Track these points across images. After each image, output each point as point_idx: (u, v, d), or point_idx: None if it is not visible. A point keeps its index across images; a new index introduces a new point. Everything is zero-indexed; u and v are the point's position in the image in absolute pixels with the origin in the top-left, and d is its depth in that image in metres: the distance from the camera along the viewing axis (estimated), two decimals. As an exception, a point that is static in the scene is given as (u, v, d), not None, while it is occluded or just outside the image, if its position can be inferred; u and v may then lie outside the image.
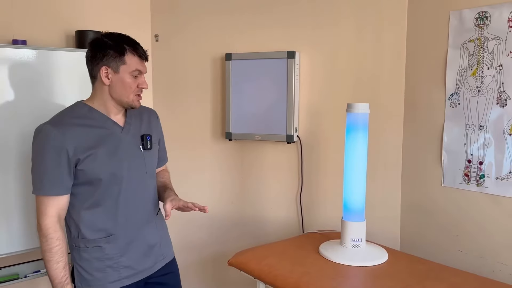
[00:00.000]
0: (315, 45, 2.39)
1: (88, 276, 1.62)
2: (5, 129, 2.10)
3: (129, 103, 1.63)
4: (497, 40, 1.84)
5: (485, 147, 1.91)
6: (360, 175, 1.97)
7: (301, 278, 1.75)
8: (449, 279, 1.75)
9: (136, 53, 1.59)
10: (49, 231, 1.54)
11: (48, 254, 1.55)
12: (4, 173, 2.11)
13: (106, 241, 1.62)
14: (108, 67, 1.57)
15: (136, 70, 1.60)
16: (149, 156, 1.73)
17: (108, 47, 1.57)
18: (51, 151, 1.52)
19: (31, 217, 2.20)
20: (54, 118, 1.61)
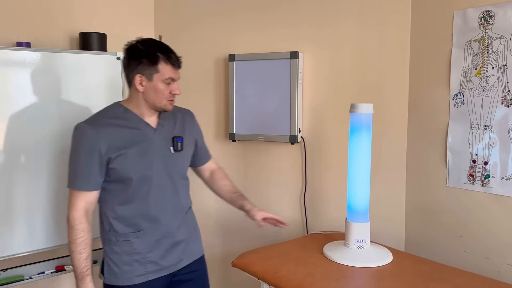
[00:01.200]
0: (318, 46, 2.39)
1: (116, 268, 1.69)
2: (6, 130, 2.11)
3: (162, 108, 1.69)
4: (502, 40, 1.83)
5: (490, 147, 1.90)
6: (364, 176, 1.96)
7: (305, 279, 1.75)
8: (454, 280, 1.74)
9: (169, 61, 1.64)
10: (75, 222, 1.63)
11: (73, 245, 1.63)
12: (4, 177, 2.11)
13: (136, 236, 1.69)
14: (142, 75, 1.63)
15: (169, 78, 1.65)
16: (179, 157, 1.78)
17: (142, 55, 1.62)
18: (85, 148, 1.61)
19: (34, 219, 2.20)
20: (92, 117, 1.69)
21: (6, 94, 2.10)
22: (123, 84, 2.46)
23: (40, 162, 2.21)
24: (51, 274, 2.31)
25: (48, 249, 2.26)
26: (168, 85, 1.66)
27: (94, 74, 2.36)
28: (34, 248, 2.21)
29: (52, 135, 2.23)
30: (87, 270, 1.64)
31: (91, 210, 1.68)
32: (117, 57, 2.42)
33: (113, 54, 2.42)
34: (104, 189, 1.68)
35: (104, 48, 2.47)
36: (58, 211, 2.27)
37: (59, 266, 2.33)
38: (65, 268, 2.35)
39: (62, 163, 2.27)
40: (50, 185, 2.25)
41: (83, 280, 1.63)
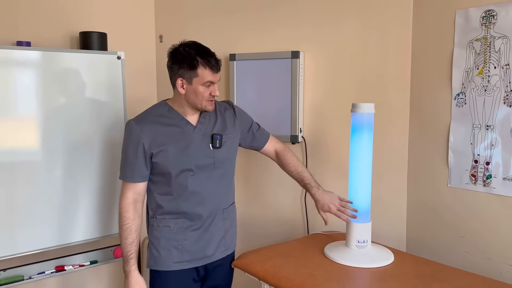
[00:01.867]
0: (319, 45, 2.38)
1: (156, 253, 1.83)
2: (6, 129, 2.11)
3: (203, 108, 1.80)
4: (504, 39, 1.82)
5: (492, 147, 1.89)
6: (365, 176, 1.96)
7: (306, 280, 1.74)
8: (456, 281, 1.73)
9: (208, 66, 1.72)
10: (123, 210, 1.79)
11: (120, 230, 1.80)
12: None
13: (175, 222, 1.82)
14: (183, 78, 1.74)
15: (208, 81, 1.74)
16: (219, 154, 1.87)
17: (182, 60, 1.72)
18: (132, 144, 1.77)
19: (34, 219, 2.20)
20: (140, 114, 1.84)
21: (6, 94, 2.09)
22: (124, 83, 2.46)
23: (41, 161, 2.21)
24: (51, 274, 2.31)
25: (48, 249, 2.25)
26: (207, 88, 1.75)
27: (94, 73, 2.35)
28: (34, 248, 2.21)
29: (52, 135, 2.23)
30: (131, 254, 1.77)
31: (140, 200, 1.83)
32: (118, 57, 2.42)
33: (114, 53, 2.41)
34: (150, 180, 1.83)
35: (105, 47, 2.46)
36: (59, 210, 2.27)
37: (59, 266, 2.33)
38: (65, 268, 2.34)
39: (63, 162, 2.27)
40: (52, 185, 2.24)
41: (127, 263, 1.78)
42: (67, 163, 2.28)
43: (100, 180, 2.39)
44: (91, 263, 2.43)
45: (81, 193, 2.34)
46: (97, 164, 2.38)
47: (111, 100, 2.42)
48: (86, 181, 2.35)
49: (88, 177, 2.36)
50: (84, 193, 2.35)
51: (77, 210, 2.33)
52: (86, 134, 2.34)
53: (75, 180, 2.31)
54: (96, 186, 2.38)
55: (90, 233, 2.39)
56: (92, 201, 2.38)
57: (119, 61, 2.42)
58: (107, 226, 2.45)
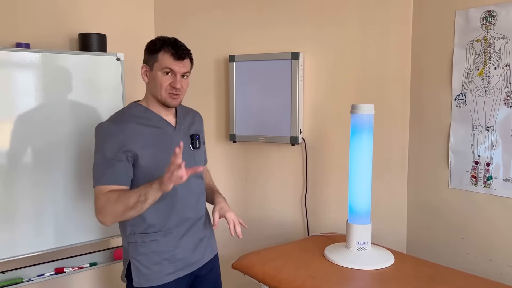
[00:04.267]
0: (319, 46, 2.38)
1: (146, 270, 1.67)
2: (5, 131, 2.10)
3: (163, 101, 1.67)
4: (504, 40, 1.82)
5: (492, 148, 1.88)
6: (365, 177, 1.95)
7: (306, 282, 1.73)
8: (456, 282, 1.72)
9: (169, 51, 1.62)
10: (102, 201, 1.57)
11: (121, 200, 1.54)
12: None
13: (163, 234, 1.69)
14: (146, 65, 1.68)
15: (167, 67, 1.62)
16: (198, 155, 1.81)
17: (148, 46, 1.68)
18: (112, 145, 1.59)
19: (34, 221, 2.19)
20: (113, 116, 1.69)
21: (6, 95, 2.09)
22: (123, 85, 2.45)
23: (41, 163, 2.20)
24: (51, 276, 2.30)
25: (48, 251, 2.25)
26: (167, 76, 1.63)
27: (94, 75, 2.35)
28: (34, 250, 2.20)
29: (52, 136, 2.22)
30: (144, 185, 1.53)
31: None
32: (117, 58, 2.41)
33: (113, 55, 2.41)
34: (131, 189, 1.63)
35: (104, 49, 2.46)
36: (58, 212, 2.26)
37: (58, 268, 2.32)
38: (64, 270, 2.34)
39: (64, 164, 2.26)
40: (52, 187, 2.23)
41: (149, 184, 1.50)
42: (67, 164, 2.28)
43: (99, 182, 2.39)
44: (90, 265, 2.42)
45: (80, 194, 2.33)
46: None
47: (111, 102, 2.41)
48: (86, 182, 2.35)
49: (88, 178, 2.35)
50: (83, 194, 2.34)
51: (76, 212, 2.32)
52: (85, 136, 2.33)
53: (75, 181, 2.31)
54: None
55: (89, 235, 2.38)
56: (92, 202, 2.37)
57: (119, 62, 2.41)
58: (107, 228, 2.44)
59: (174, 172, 1.42)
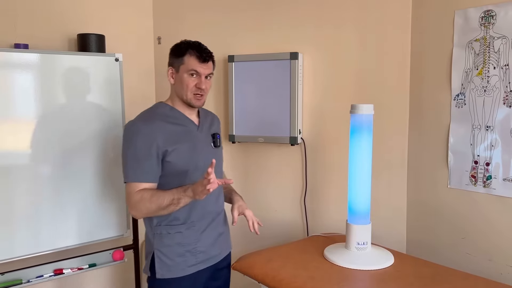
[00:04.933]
0: (318, 46, 2.37)
1: (169, 261, 1.75)
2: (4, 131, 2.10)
3: (189, 101, 1.76)
4: (503, 39, 1.82)
5: (492, 148, 1.88)
6: (365, 177, 1.95)
7: (305, 282, 1.73)
8: (456, 282, 1.72)
9: (195, 54, 1.73)
10: (136, 198, 1.66)
11: (153, 200, 1.65)
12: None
13: (186, 227, 1.77)
14: (172, 67, 1.77)
15: (193, 70, 1.72)
16: (218, 153, 1.91)
17: (174, 49, 1.78)
18: (143, 143, 1.68)
19: (33, 222, 2.19)
20: (142, 116, 1.78)
21: (4, 96, 2.08)
22: (122, 85, 2.45)
23: (39, 164, 2.20)
24: (50, 277, 2.30)
25: (47, 252, 2.24)
26: (193, 77, 1.73)
27: (92, 75, 2.34)
28: (32, 251, 2.19)
29: (50, 137, 2.22)
30: (177, 188, 1.66)
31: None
32: (116, 59, 2.41)
33: (112, 55, 2.40)
34: (158, 184, 1.74)
35: (103, 49, 2.45)
36: (57, 213, 2.26)
37: (57, 269, 2.32)
38: (63, 272, 2.33)
39: (62, 165, 2.26)
40: (50, 187, 2.23)
41: (183, 189, 1.65)
42: (65, 166, 2.27)
43: (98, 182, 2.38)
44: (89, 266, 2.42)
45: (79, 196, 2.33)
46: (95, 166, 2.37)
47: (109, 102, 2.41)
48: (85, 184, 2.34)
49: (87, 179, 2.35)
50: (82, 195, 2.34)
51: (75, 213, 2.32)
52: (84, 137, 2.33)
53: (74, 182, 2.30)
54: (95, 188, 2.37)
55: (88, 236, 2.37)
56: (91, 203, 2.37)
57: (117, 63, 2.41)
58: (106, 229, 2.44)
59: (207, 186, 1.54)
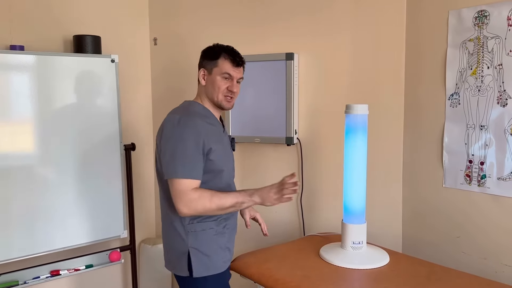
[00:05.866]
0: (313, 47, 2.38)
1: (206, 258, 1.75)
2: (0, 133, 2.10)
3: (219, 103, 1.79)
4: (497, 39, 1.83)
5: (486, 147, 1.89)
6: (360, 177, 1.95)
7: (301, 282, 1.74)
8: (451, 281, 1.73)
9: (229, 58, 1.76)
10: (193, 196, 1.64)
11: (214, 200, 1.66)
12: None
13: (217, 223, 1.79)
14: (205, 69, 1.79)
15: (226, 73, 1.76)
16: (233, 157, 1.94)
17: (207, 52, 1.80)
18: (193, 139, 1.67)
19: (30, 223, 2.19)
20: (185, 112, 1.74)
21: (0, 98, 2.08)
22: (118, 86, 2.45)
23: (35, 165, 2.20)
24: (46, 278, 2.30)
25: (44, 253, 2.25)
26: (225, 80, 1.76)
27: (88, 77, 2.35)
28: (29, 252, 2.20)
29: (46, 138, 2.22)
30: (241, 192, 1.72)
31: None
32: (112, 60, 2.41)
33: (108, 56, 2.41)
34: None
35: (99, 50, 2.46)
36: (53, 215, 2.26)
37: (54, 270, 2.32)
38: (60, 273, 2.33)
39: (58, 166, 2.26)
40: (47, 189, 2.23)
41: (248, 194, 1.71)
42: (61, 167, 2.27)
43: (95, 183, 2.39)
44: (86, 267, 2.42)
45: (76, 197, 2.33)
46: (92, 167, 2.37)
47: (105, 103, 2.41)
48: (81, 185, 2.35)
49: (83, 180, 2.35)
50: (79, 197, 2.34)
51: (71, 214, 2.32)
52: (80, 138, 2.33)
53: (70, 183, 2.31)
54: (92, 189, 2.38)
55: (85, 237, 2.38)
56: (87, 205, 2.37)
57: (113, 64, 2.42)
58: (102, 230, 2.44)
59: (287, 193, 1.64)
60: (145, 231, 3.01)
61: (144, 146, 2.94)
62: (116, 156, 2.46)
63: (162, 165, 1.70)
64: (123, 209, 2.52)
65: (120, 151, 2.48)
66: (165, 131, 1.70)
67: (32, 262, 2.27)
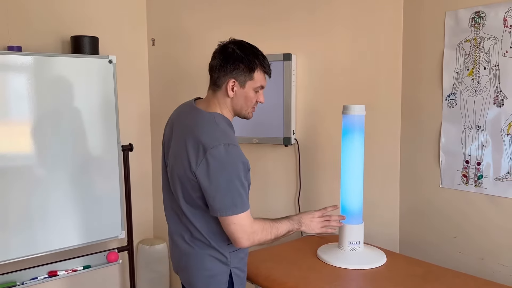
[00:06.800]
0: (311, 47, 2.38)
1: (243, 274, 1.72)
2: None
3: (245, 115, 1.67)
4: (493, 40, 1.83)
5: (483, 147, 1.90)
6: (357, 177, 1.96)
7: (299, 282, 1.74)
8: (448, 281, 1.73)
9: (264, 70, 1.62)
10: (256, 229, 1.57)
11: (273, 231, 1.61)
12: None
13: None
14: (236, 80, 1.58)
15: (260, 86, 1.63)
16: None
17: (240, 60, 1.57)
18: (241, 167, 1.53)
19: (28, 224, 2.19)
20: (226, 135, 1.56)
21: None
22: (116, 87, 2.45)
23: (33, 166, 2.20)
24: (44, 279, 2.30)
25: (41, 254, 2.25)
26: (256, 93, 1.63)
27: (86, 77, 2.35)
28: (27, 253, 2.20)
29: (44, 139, 2.22)
30: (288, 220, 1.68)
31: None
32: (109, 61, 2.41)
33: (105, 57, 2.41)
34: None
35: (96, 51, 2.46)
36: (51, 216, 2.26)
37: (52, 271, 2.32)
38: (58, 274, 2.33)
39: (56, 167, 2.26)
40: (44, 190, 2.23)
41: (295, 222, 1.70)
42: (59, 168, 2.27)
43: (92, 184, 2.39)
44: (84, 268, 2.42)
45: (73, 198, 2.33)
46: (89, 168, 2.37)
47: (103, 104, 2.42)
48: (79, 186, 2.35)
49: (81, 181, 2.35)
50: (76, 197, 2.34)
51: (69, 215, 2.32)
52: (77, 139, 2.33)
53: (68, 184, 2.31)
54: (89, 190, 2.38)
55: (83, 237, 2.38)
56: (85, 205, 2.37)
57: (111, 65, 2.42)
58: (100, 231, 2.44)
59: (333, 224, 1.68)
60: (143, 232, 3.01)
61: (141, 146, 2.94)
62: (114, 157, 2.46)
63: (211, 200, 1.53)
64: (121, 210, 2.52)
65: (118, 152, 2.48)
66: (211, 163, 1.49)
67: (29, 263, 2.27)
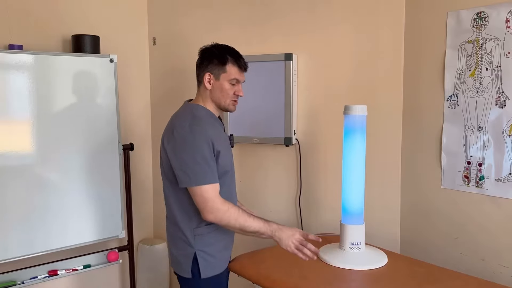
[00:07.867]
0: (312, 47, 2.38)
1: (212, 259, 1.79)
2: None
3: (226, 107, 1.82)
4: (495, 41, 1.83)
5: (484, 148, 1.89)
6: (358, 178, 1.96)
7: (299, 283, 1.74)
8: (449, 282, 1.73)
9: (237, 64, 1.78)
10: (221, 207, 1.67)
11: (239, 220, 1.69)
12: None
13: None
14: (211, 73, 1.78)
15: (235, 79, 1.78)
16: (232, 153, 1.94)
17: (213, 56, 1.78)
18: (207, 144, 1.69)
19: (27, 223, 2.19)
20: (194, 117, 1.74)
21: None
22: (117, 86, 2.45)
23: (33, 165, 2.20)
24: (44, 278, 2.30)
25: (41, 253, 2.24)
26: (233, 86, 1.79)
27: (87, 76, 2.35)
28: (27, 252, 2.19)
29: (45, 138, 2.22)
30: (265, 222, 1.72)
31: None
32: (110, 59, 2.41)
33: (106, 56, 2.41)
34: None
35: (97, 50, 2.46)
36: (51, 215, 2.26)
37: (52, 270, 2.32)
38: (58, 273, 2.33)
39: (56, 166, 2.26)
40: (44, 188, 2.23)
41: (271, 227, 1.72)
42: (59, 167, 2.27)
43: (93, 183, 2.38)
44: (84, 267, 2.42)
45: (74, 197, 2.33)
46: (90, 167, 2.37)
47: (104, 103, 2.41)
48: (79, 185, 2.34)
49: (81, 180, 2.35)
50: (77, 196, 2.34)
51: (70, 214, 2.32)
52: (78, 138, 2.33)
53: (68, 183, 2.30)
54: (89, 189, 2.37)
55: (83, 237, 2.37)
56: (85, 205, 2.37)
57: (112, 64, 2.42)
58: (100, 230, 2.44)
59: (306, 253, 1.70)
60: (143, 231, 3.01)
61: (142, 146, 2.94)
62: (115, 156, 2.46)
63: (178, 172, 1.70)
64: (121, 209, 2.52)
65: (119, 151, 2.48)
66: (177, 139, 1.70)
67: (29, 262, 2.27)
